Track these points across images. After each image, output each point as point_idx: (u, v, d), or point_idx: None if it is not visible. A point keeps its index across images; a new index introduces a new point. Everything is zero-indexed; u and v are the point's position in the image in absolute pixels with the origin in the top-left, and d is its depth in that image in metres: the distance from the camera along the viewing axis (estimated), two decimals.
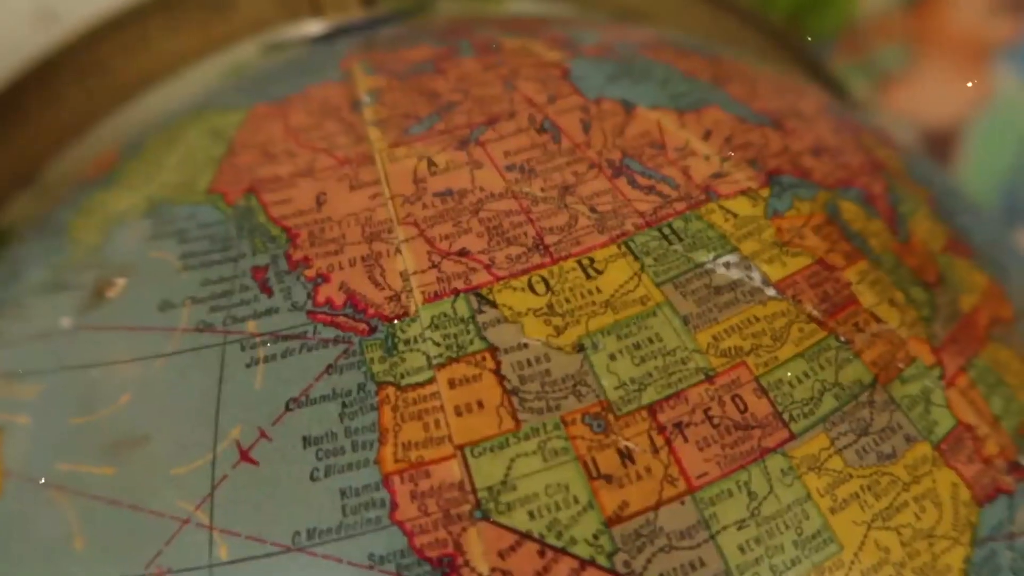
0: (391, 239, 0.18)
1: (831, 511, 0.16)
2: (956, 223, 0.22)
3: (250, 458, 0.16)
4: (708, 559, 0.15)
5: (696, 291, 0.17)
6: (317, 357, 0.16)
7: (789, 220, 0.19)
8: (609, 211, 0.18)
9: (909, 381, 0.17)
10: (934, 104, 0.55)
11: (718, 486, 0.15)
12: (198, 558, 0.15)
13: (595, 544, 0.15)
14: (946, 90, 0.55)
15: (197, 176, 0.20)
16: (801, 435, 0.16)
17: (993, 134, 0.53)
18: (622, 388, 0.16)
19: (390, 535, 0.15)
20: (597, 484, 0.15)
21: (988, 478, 0.17)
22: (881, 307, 0.18)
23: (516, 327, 0.16)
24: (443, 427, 0.15)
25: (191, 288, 0.18)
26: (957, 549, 0.16)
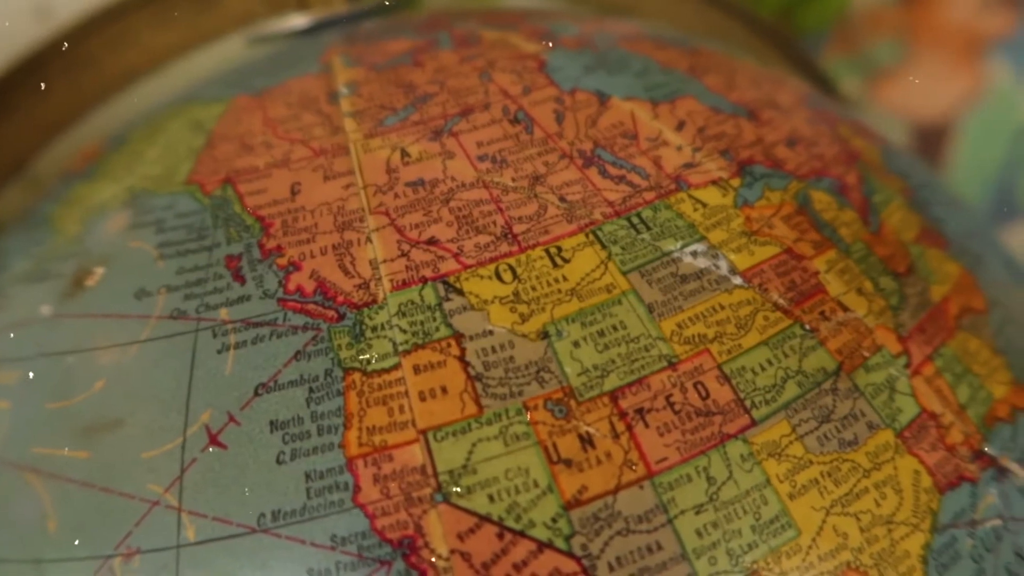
0: (362, 228, 0.18)
1: (790, 497, 0.16)
2: (931, 214, 0.22)
3: (219, 442, 0.16)
4: (665, 543, 0.15)
5: (662, 279, 0.17)
6: (286, 343, 0.17)
7: (759, 210, 0.19)
8: (578, 200, 0.18)
9: (874, 369, 0.18)
10: (927, 98, 0.55)
11: (677, 471, 0.15)
12: (166, 539, 0.15)
13: (553, 527, 0.15)
14: (939, 84, 0.55)
15: (177, 167, 0.21)
16: (762, 422, 0.16)
17: (986, 128, 0.53)
18: (585, 374, 0.16)
19: (352, 517, 0.15)
20: (557, 468, 0.15)
21: (951, 466, 0.17)
22: (848, 296, 0.18)
23: (482, 314, 0.17)
24: (407, 412, 0.16)
25: (167, 277, 0.18)
26: (917, 535, 0.16)
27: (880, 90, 0.56)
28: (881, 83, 0.56)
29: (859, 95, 0.57)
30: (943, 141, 0.55)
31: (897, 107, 0.56)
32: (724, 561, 0.15)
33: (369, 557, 0.15)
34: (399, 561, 0.15)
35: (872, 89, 0.57)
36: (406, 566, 0.15)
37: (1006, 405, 0.19)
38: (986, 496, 0.17)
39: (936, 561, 0.16)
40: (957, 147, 0.54)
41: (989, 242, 0.24)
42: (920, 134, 0.56)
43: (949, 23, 0.55)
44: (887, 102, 0.56)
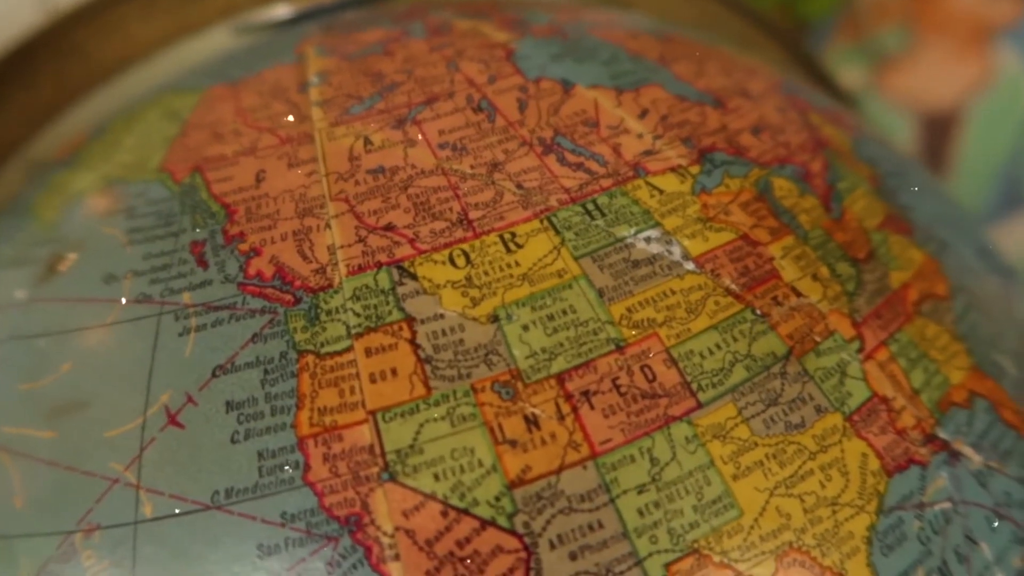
0: (322, 214, 0.18)
1: (733, 478, 0.16)
2: (899, 201, 0.22)
3: (177, 422, 0.16)
4: (606, 521, 0.15)
5: (614, 265, 0.18)
6: (244, 326, 0.17)
7: (716, 196, 0.19)
8: (535, 187, 0.18)
9: (825, 354, 0.18)
10: (934, 86, 0.54)
11: (621, 452, 0.16)
12: (125, 515, 0.16)
13: (496, 505, 0.15)
14: (947, 72, 0.54)
15: (151, 155, 0.21)
16: (708, 404, 0.16)
17: (993, 117, 0.52)
18: (533, 357, 0.16)
19: (302, 495, 0.15)
20: (502, 449, 0.16)
21: (901, 449, 0.17)
22: (803, 282, 0.18)
23: (434, 298, 0.17)
24: (357, 393, 0.16)
25: (134, 262, 0.19)
26: (861, 517, 0.16)
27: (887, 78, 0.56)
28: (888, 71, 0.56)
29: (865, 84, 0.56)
30: (950, 129, 0.55)
31: (904, 95, 0.55)
32: (665, 540, 0.15)
33: (317, 534, 0.15)
34: (345, 537, 0.15)
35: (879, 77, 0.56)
36: (352, 542, 0.15)
37: (963, 390, 0.19)
38: (936, 479, 0.17)
39: (881, 542, 0.16)
40: (964, 135, 0.54)
41: (963, 229, 0.24)
42: (927, 122, 0.55)
43: (956, 11, 0.55)
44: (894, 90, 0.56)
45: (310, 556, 0.15)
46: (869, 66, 0.56)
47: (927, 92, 0.55)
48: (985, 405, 0.19)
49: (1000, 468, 0.19)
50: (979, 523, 0.18)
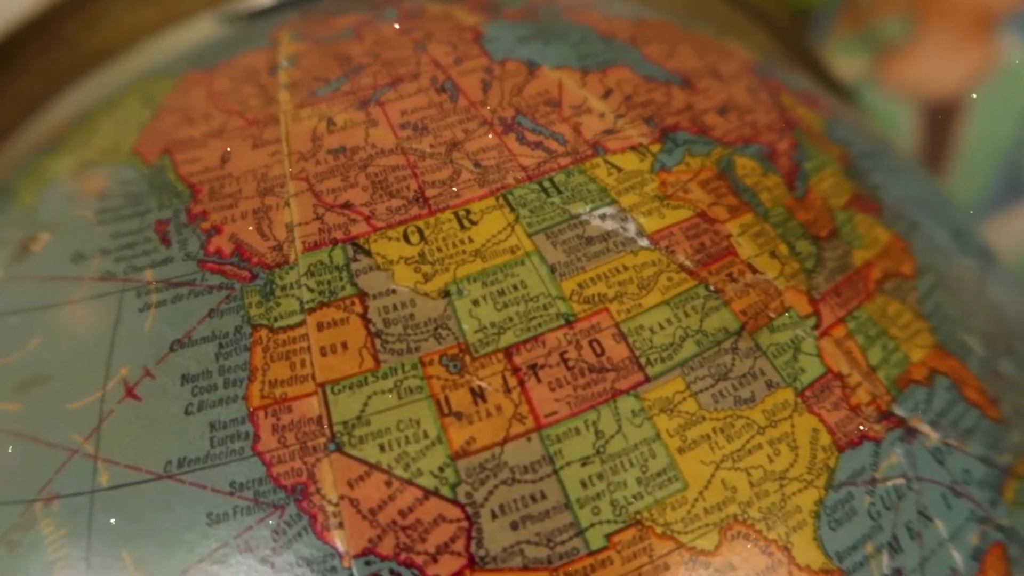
0: (282, 193, 0.18)
1: (679, 451, 0.16)
2: (868, 181, 0.22)
3: (134, 394, 0.17)
4: (549, 492, 0.15)
5: (567, 241, 0.18)
6: (202, 302, 0.17)
7: (675, 175, 0.19)
8: (493, 166, 0.19)
9: (779, 330, 0.18)
10: (937, 75, 0.54)
11: (566, 424, 0.16)
12: (82, 484, 0.16)
13: (440, 476, 0.15)
14: (949, 61, 0.54)
15: (125, 139, 0.22)
16: (656, 378, 0.16)
17: (996, 106, 0.52)
18: (482, 332, 0.16)
19: (251, 465, 0.16)
20: (447, 421, 0.16)
21: (854, 425, 0.17)
22: (761, 259, 0.18)
23: (387, 274, 0.17)
24: (308, 366, 0.16)
25: (102, 241, 0.19)
26: (810, 491, 0.16)
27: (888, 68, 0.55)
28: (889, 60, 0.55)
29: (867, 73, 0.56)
30: (953, 118, 0.54)
31: (906, 85, 0.55)
32: (607, 511, 0.15)
33: (264, 502, 0.15)
34: (291, 506, 0.15)
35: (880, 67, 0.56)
36: (297, 511, 0.15)
37: (924, 368, 0.19)
38: (890, 456, 0.17)
39: (829, 517, 0.16)
40: (967, 124, 0.53)
41: (937, 210, 0.23)
42: (929, 111, 0.55)
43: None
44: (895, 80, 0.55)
45: (257, 524, 0.15)
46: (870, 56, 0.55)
47: (929, 81, 0.54)
48: (947, 384, 0.19)
49: (960, 446, 0.18)
50: (934, 500, 0.17)
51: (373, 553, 0.15)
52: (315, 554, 0.15)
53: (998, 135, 0.51)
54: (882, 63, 0.55)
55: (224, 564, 0.15)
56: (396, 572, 0.15)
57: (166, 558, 0.15)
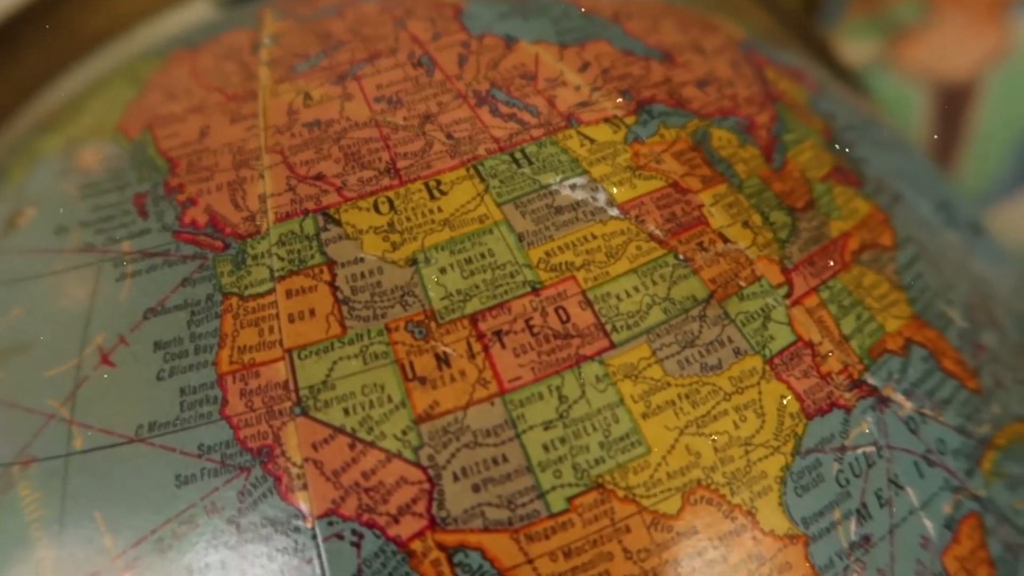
0: (257, 165, 0.19)
1: (643, 416, 0.16)
2: (852, 154, 0.22)
3: (109, 361, 0.17)
4: (511, 455, 0.15)
5: (536, 211, 0.18)
6: (176, 271, 0.18)
7: (649, 146, 0.19)
8: (465, 137, 0.19)
9: (749, 298, 0.18)
10: (950, 58, 0.53)
11: (529, 389, 0.16)
12: (57, 448, 0.17)
13: (403, 439, 0.15)
14: (963, 43, 0.53)
15: (111, 116, 0.22)
16: (621, 345, 0.16)
17: (1011, 88, 0.51)
18: (448, 299, 0.17)
19: (218, 428, 0.16)
20: (411, 385, 0.16)
21: (823, 393, 0.17)
22: (733, 228, 0.18)
23: (355, 243, 0.17)
24: (276, 332, 0.16)
25: (83, 214, 0.19)
26: (776, 457, 0.16)
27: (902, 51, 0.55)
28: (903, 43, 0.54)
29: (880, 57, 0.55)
30: (966, 101, 0.53)
31: (919, 68, 0.54)
32: (569, 474, 0.15)
33: (230, 464, 0.16)
34: (257, 468, 0.16)
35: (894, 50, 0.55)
36: (263, 472, 0.15)
37: (900, 338, 0.19)
38: (861, 424, 0.17)
39: (795, 483, 0.16)
40: (981, 107, 0.52)
41: (924, 184, 0.23)
42: (943, 95, 0.54)
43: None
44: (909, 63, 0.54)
45: (223, 485, 0.15)
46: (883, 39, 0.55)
47: (943, 64, 0.53)
48: (923, 354, 0.19)
49: (935, 416, 0.18)
50: (907, 469, 0.17)
51: (336, 514, 0.15)
52: (279, 515, 0.15)
53: (1012, 118, 0.51)
54: (895, 47, 0.54)
55: (191, 524, 0.15)
56: (358, 533, 0.15)
57: (135, 518, 0.16)
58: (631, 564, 0.15)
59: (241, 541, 0.15)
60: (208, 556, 0.15)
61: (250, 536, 0.15)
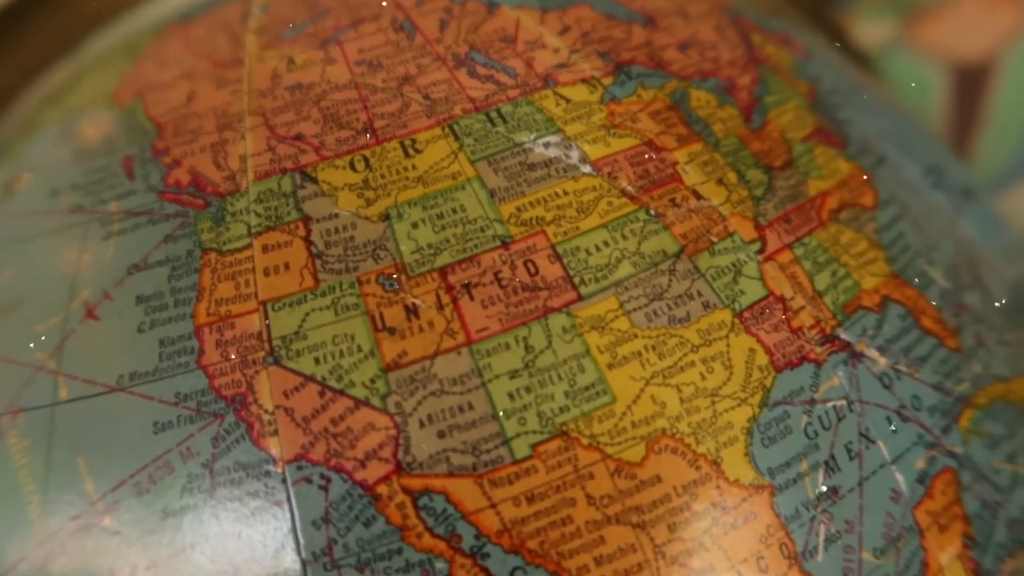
0: (239, 127, 0.19)
1: (608, 366, 0.16)
2: (835, 116, 0.22)
3: (94, 315, 0.18)
4: (476, 403, 0.16)
5: (509, 168, 0.18)
6: (159, 229, 0.18)
7: (625, 105, 0.19)
8: (441, 98, 0.19)
9: (720, 254, 0.18)
10: (967, 38, 0.52)
11: (496, 340, 0.16)
12: (44, 398, 0.17)
13: (371, 387, 0.16)
14: (980, 22, 0.52)
15: (106, 86, 0.23)
16: (589, 297, 0.17)
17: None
18: (418, 252, 0.17)
19: (195, 377, 0.16)
20: (381, 335, 0.16)
21: (794, 347, 0.17)
22: (707, 186, 0.18)
23: (331, 200, 0.18)
24: (251, 285, 0.17)
25: (75, 177, 0.20)
26: (743, 409, 0.16)
27: (918, 30, 0.54)
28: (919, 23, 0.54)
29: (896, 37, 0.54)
30: (984, 81, 0.53)
31: (936, 47, 0.53)
32: (534, 422, 0.16)
33: (205, 411, 0.16)
34: (230, 415, 0.16)
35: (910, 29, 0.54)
36: (236, 419, 0.16)
37: (876, 295, 0.19)
38: (832, 378, 0.17)
39: (762, 434, 0.16)
40: (998, 87, 0.52)
41: (912, 147, 0.23)
42: (960, 74, 0.53)
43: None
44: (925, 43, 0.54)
45: (198, 432, 0.16)
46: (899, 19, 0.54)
47: (960, 43, 0.52)
48: (901, 312, 0.19)
49: (911, 372, 0.18)
50: (879, 423, 0.17)
51: (305, 459, 0.16)
52: (251, 459, 0.16)
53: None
54: (911, 26, 0.54)
55: (167, 469, 0.16)
56: (326, 477, 0.15)
57: (115, 463, 0.16)
58: (594, 510, 0.15)
59: (214, 485, 0.16)
60: (183, 499, 0.16)
61: (223, 480, 0.16)
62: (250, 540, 0.15)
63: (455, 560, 0.15)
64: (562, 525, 0.15)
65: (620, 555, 0.15)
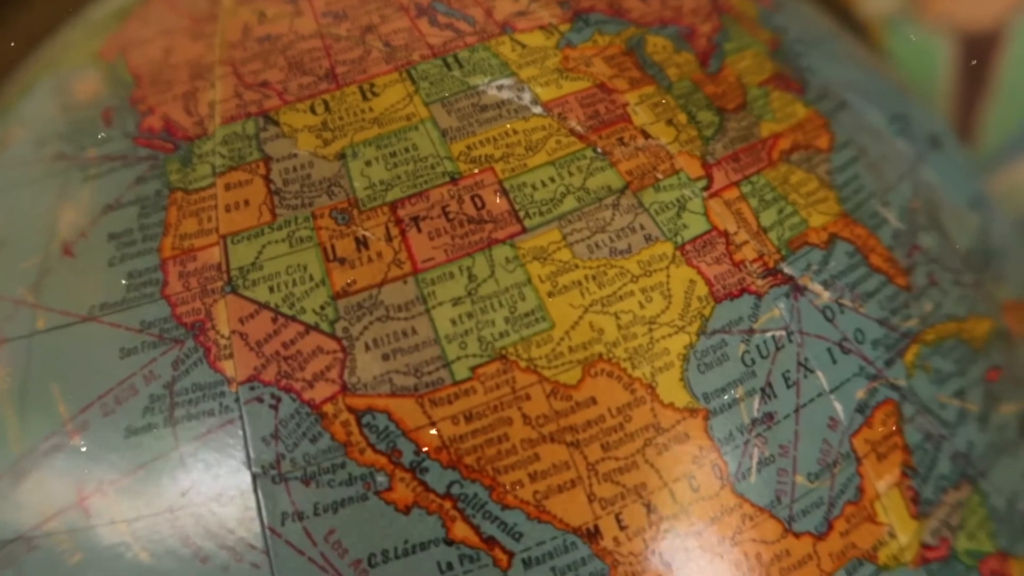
0: (210, 76, 0.20)
1: (549, 295, 0.17)
2: (797, 63, 0.22)
3: (70, 252, 0.19)
4: (420, 328, 0.16)
5: (462, 109, 0.19)
6: (132, 172, 0.19)
7: (580, 50, 0.20)
8: (401, 45, 0.20)
9: (665, 190, 0.18)
10: (975, 6, 0.51)
11: (441, 269, 0.17)
12: (24, 329, 0.18)
13: (320, 313, 0.17)
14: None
15: (94, 45, 0.24)
16: (533, 230, 0.17)
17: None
18: (371, 188, 0.18)
19: (158, 306, 0.17)
20: (332, 266, 0.17)
21: (735, 279, 0.18)
22: (656, 126, 0.19)
23: (291, 141, 0.18)
24: (213, 221, 0.18)
25: (59, 127, 0.21)
26: (680, 336, 0.17)
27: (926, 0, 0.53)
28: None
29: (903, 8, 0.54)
30: (992, 50, 0.52)
31: (944, 17, 0.53)
32: (474, 346, 0.16)
33: (167, 338, 0.17)
34: (190, 340, 0.17)
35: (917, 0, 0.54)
36: (195, 344, 0.17)
37: (824, 232, 0.19)
38: (772, 310, 0.18)
39: (699, 360, 0.17)
40: (1007, 56, 0.51)
41: (878, 96, 0.23)
42: (968, 44, 0.53)
43: None
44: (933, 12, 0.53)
45: (160, 356, 0.17)
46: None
47: (968, 12, 0.52)
48: (849, 249, 0.19)
49: (856, 307, 0.18)
50: (818, 354, 0.18)
51: (257, 380, 0.16)
52: (207, 380, 0.17)
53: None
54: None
55: (131, 391, 0.17)
56: (276, 396, 0.16)
57: (85, 388, 0.17)
58: (529, 429, 0.16)
59: (173, 405, 0.17)
60: (144, 419, 0.17)
61: (181, 400, 0.17)
62: (205, 454, 0.16)
63: (395, 474, 0.16)
64: (498, 443, 0.16)
65: (554, 471, 0.16)
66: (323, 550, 0.16)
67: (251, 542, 0.16)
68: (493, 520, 0.16)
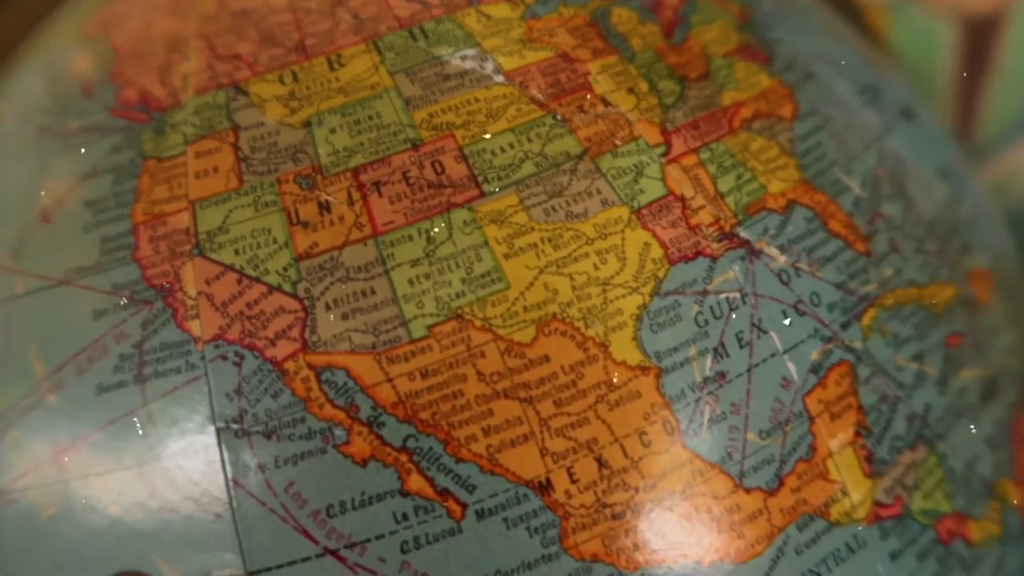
0: (185, 49, 0.21)
1: (505, 256, 0.17)
2: (765, 35, 0.22)
3: (48, 219, 0.19)
4: (379, 289, 0.17)
5: (425, 78, 0.19)
6: (108, 142, 0.20)
7: (545, 21, 0.20)
8: (370, 17, 0.20)
9: (623, 156, 0.18)
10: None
11: (400, 232, 0.17)
12: (4, 293, 0.19)
13: (283, 274, 0.17)
14: None
15: (80, 24, 0.24)
16: (491, 194, 0.18)
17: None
18: (334, 155, 0.18)
19: (130, 269, 0.18)
20: (295, 229, 0.18)
21: (690, 242, 0.18)
22: (616, 94, 0.19)
23: (259, 110, 0.19)
24: (183, 187, 0.18)
25: (45, 103, 0.22)
26: (634, 297, 0.17)
27: None
28: None
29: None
30: (994, 33, 0.52)
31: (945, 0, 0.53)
32: (431, 305, 0.17)
33: (137, 299, 0.18)
34: (159, 301, 0.17)
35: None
36: (163, 305, 0.17)
37: (782, 198, 0.19)
38: (727, 272, 0.18)
39: (652, 320, 0.17)
40: (1008, 39, 0.51)
41: (848, 67, 0.23)
42: (970, 27, 0.52)
43: None
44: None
45: (131, 317, 0.18)
46: None
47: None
48: (807, 215, 0.19)
49: (812, 271, 0.19)
50: (773, 316, 0.18)
51: (222, 339, 0.17)
52: (174, 339, 0.17)
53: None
54: None
55: (102, 350, 0.17)
56: (240, 354, 0.17)
57: (60, 348, 0.18)
58: (483, 385, 0.16)
59: (142, 363, 0.17)
60: (115, 376, 0.17)
61: (150, 359, 0.17)
62: (172, 410, 0.17)
63: (353, 428, 0.16)
64: (453, 398, 0.16)
65: (507, 426, 0.16)
66: (283, 501, 0.16)
67: (215, 494, 0.16)
68: (447, 473, 0.16)
